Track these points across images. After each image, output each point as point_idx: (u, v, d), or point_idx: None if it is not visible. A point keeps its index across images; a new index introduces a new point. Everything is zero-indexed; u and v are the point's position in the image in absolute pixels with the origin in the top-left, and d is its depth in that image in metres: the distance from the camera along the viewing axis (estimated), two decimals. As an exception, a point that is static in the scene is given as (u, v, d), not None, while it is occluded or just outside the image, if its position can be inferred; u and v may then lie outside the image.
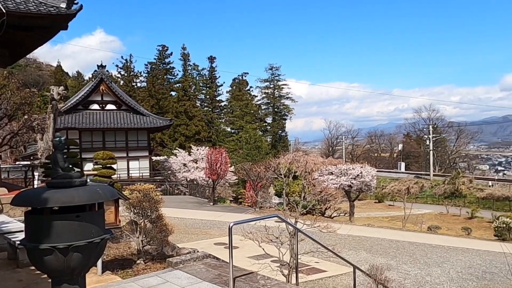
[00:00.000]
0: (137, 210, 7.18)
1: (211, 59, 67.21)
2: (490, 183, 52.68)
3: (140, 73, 64.91)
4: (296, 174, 40.13)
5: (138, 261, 7.18)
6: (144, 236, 7.03)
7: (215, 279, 5.48)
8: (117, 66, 63.17)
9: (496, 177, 60.04)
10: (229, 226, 4.93)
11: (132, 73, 62.93)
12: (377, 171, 68.43)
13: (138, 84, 63.94)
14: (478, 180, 54.09)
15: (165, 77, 64.68)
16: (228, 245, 15.58)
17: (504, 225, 21.57)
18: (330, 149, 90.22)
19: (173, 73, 66.10)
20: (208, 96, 66.84)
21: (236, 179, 37.48)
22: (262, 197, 28.89)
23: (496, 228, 22.21)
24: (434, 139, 63.53)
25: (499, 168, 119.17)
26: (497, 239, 21.86)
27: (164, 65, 65.38)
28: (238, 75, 70.71)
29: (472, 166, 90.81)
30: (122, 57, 65.92)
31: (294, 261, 6.28)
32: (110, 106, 40.08)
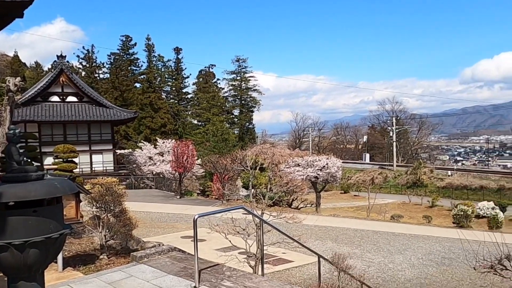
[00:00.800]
0: (100, 205, 6.99)
1: (177, 50, 66.16)
2: (449, 172, 54.79)
3: (103, 64, 63.08)
4: (263, 166, 40.40)
5: (101, 256, 7.01)
6: (107, 230, 6.86)
7: (180, 272, 5.43)
8: (78, 56, 61.09)
9: (455, 167, 62.56)
10: (194, 218, 4.88)
11: (94, 64, 61.00)
12: (343, 163, 69.92)
13: (101, 76, 62.15)
14: (438, 170, 56.13)
15: (129, 68, 63.11)
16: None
17: (462, 213, 22.55)
18: (297, 141, 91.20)
19: (137, 64, 64.64)
20: (174, 88, 65.79)
21: (203, 172, 37.26)
22: (230, 189, 28.86)
23: (454, 216, 23.19)
24: (397, 130, 65.36)
25: (458, 158, 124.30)
26: (456, 226, 22.85)
27: (128, 56, 63.75)
28: (205, 67, 70.05)
29: (433, 157, 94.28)
30: (83, 47, 63.75)
31: (261, 252, 6.30)
32: (71, 98, 38.75)
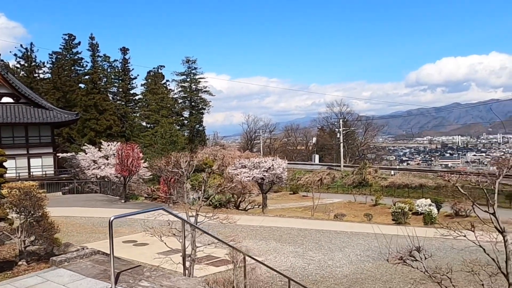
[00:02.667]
0: (19, 209, 6.62)
1: (124, 50, 64.33)
2: (392, 172, 57.12)
3: (44, 63, 60.00)
4: (213, 168, 40.15)
5: (20, 262, 6.63)
6: (26, 235, 6.51)
7: (99, 275, 5.27)
8: (15, 55, 57.69)
9: (397, 167, 65.36)
10: (110, 220, 4.72)
11: (34, 63, 57.87)
12: (293, 164, 71.27)
13: (42, 76, 59.07)
14: (382, 170, 58.39)
15: (72, 68, 60.49)
16: (137, 242, 14.99)
17: (400, 210, 23.58)
18: (249, 143, 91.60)
19: (81, 64, 62.05)
20: (121, 89, 63.87)
21: (150, 175, 36.47)
22: (178, 192, 28.36)
23: (393, 213, 24.19)
24: (344, 132, 67.37)
25: (404, 158, 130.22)
26: (394, 223, 23.85)
27: (71, 55, 61.07)
28: (154, 68, 68.61)
29: (380, 157, 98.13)
30: (21, 45, 60.19)
31: (183, 253, 6.23)
32: (6, 99, 36.51)
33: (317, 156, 77.06)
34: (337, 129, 69.66)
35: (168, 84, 70.22)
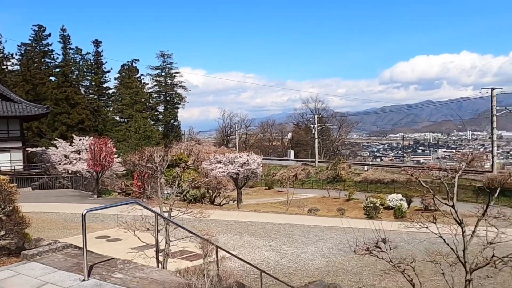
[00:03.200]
0: (-13, 203, 6.51)
1: (97, 43, 62.95)
2: (365, 168, 58.14)
3: (12, 55, 58.06)
4: (187, 163, 39.95)
5: (-11, 258, 6.54)
6: (-5, 231, 6.42)
7: (72, 267, 5.29)
8: (-19, 46, 55.61)
9: (371, 163, 66.61)
10: (82, 213, 4.75)
11: (1, 54, 55.94)
12: (269, 159, 71.68)
13: (10, 68, 57.17)
14: (356, 166, 59.42)
15: (42, 60, 58.75)
16: (110, 238, 14.94)
17: (371, 205, 24.18)
18: (225, 138, 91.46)
19: (52, 56, 60.37)
20: (94, 83, 62.54)
21: (124, 170, 36.04)
22: (153, 187, 28.15)
23: (365, 208, 24.77)
24: (319, 128, 68.15)
25: (378, 154, 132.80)
26: (366, 217, 24.46)
27: (41, 47, 59.31)
28: (128, 62, 67.40)
29: (354, 153, 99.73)
30: (-13, 36, 58.10)
31: (156, 246, 6.31)
32: (-28, 92, 35.30)
33: (292, 152, 77.69)
34: (312, 125, 70.41)
35: (143, 78, 69.31)
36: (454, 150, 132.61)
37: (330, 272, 13.44)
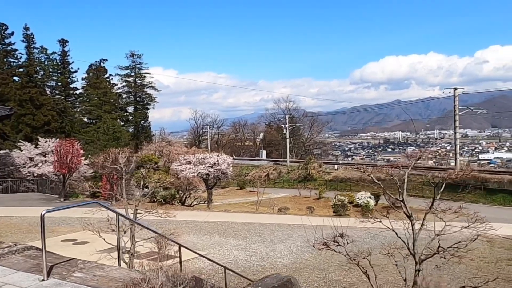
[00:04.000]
0: None
1: (63, 42, 61.34)
2: (336, 167, 59.12)
3: (-28, 55, 55.78)
4: (158, 164, 39.57)
5: None
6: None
7: (31, 268, 5.28)
8: None
9: (341, 161, 67.73)
10: (41, 214, 4.76)
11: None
12: (241, 159, 71.71)
13: (-29, 68, 54.95)
14: (326, 165, 60.30)
15: (5, 60, 56.76)
16: (77, 241, 14.78)
17: (340, 203, 24.71)
18: (197, 139, 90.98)
19: (15, 56, 58.40)
20: (60, 83, 60.90)
21: (92, 172, 35.33)
22: (122, 189, 27.77)
23: (333, 206, 25.28)
24: (290, 128, 68.80)
25: (349, 153, 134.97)
26: (335, 215, 24.95)
27: (3, 46, 57.27)
28: (96, 61, 66.02)
29: (326, 152, 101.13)
30: None
31: (118, 245, 6.34)
32: None
33: (264, 152, 78.14)
34: (283, 125, 71.00)
35: (112, 79, 68.03)
36: (422, 149, 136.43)
37: (298, 268, 13.72)
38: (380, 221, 6.16)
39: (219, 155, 26.89)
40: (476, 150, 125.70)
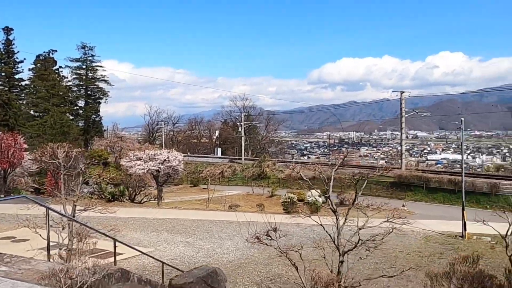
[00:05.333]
0: None
1: (7, 30, 57.95)
2: (298, 166, 59.81)
3: None
4: (108, 160, 38.61)
5: None
6: None
7: (-47, 267, 5.12)
8: None
9: (294, 160, 68.88)
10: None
11: None
12: (196, 156, 71.08)
13: None
14: (280, 163, 61.12)
15: None
16: (16, 238, 14.35)
17: (289, 200, 25.27)
18: (151, 135, 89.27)
19: (-46, 44, 54.68)
20: (4, 73, 57.59)
21: (37, 167, 33.85)
22: (70, 185, 26.84)
23: (283, 203, 25.82)
24: (246, 126, 69.14)
25: (305, 152, 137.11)
26: (284, 212, 25.51)
27: None
28: (44, 52, 63.02)
29: (283, 151, 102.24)
30: None
31: (47, 241, 6.26)
32: None
33: (219, 149, 78.02)
34: (239, 123, 71.23)
35: (61, 71, 65.15)
36: (375, 149, 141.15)
37: (242, 264, 13.97)
38: (309, 216, 6.48)
39: (170, 152, 26.64)
40: (424, 151, 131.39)
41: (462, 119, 21.33)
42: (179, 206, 26.06)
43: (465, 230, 19.23)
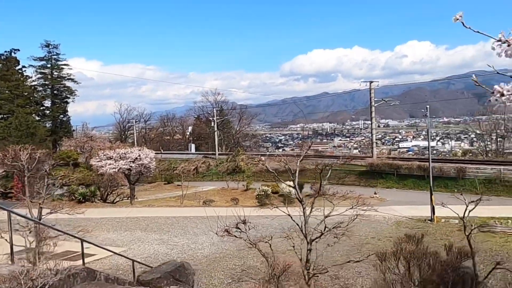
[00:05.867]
0: None
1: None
2: (263, 158, 59.99)
3: None
4: (79, 161, 37.76)
5: None
6: None
7: None
8: None
9: (268, 153, 69.12)
10: None
11: None
12: (170, 153, 70.35)
13: None
14: (255, 156, 61.21)
15: None
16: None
17: (263, 193, 25.40)
18: (123, 133, 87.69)
19: None
20: (-37, 75, 55.29)
21: (3, 171, 32.76)
22: (39, 188, 26.09)
23: (257, 196, 25.94)
24: (220, 120, 68.89)
25: (280, 145, 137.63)
26: (258, 205, 25.63)
27: None
28: (6, 52, 60.73)
29: (257, 144, 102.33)
30: None
31: (11, 242, 6.11)
32: None
33: (193, 145, 77.55)
34: (212, 118, 70.91)
35: (25, 70, 62.93)
36: (348, 139, 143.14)
37: (217, 258, 14.00)
38: (277, 207, 6.56)
39: (141, 150, 26.26)
40: (396, 139, 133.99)
41: (428, 106, 21.93)
42: (152, 204, 25.79)
43: (434, 214, 19.86)
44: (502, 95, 1.41)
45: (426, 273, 6.40)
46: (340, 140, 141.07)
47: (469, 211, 7.00)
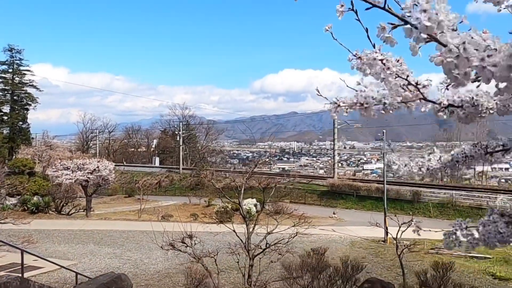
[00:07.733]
0: None
1: None
2: (227, 174, 60.04)
3: None
4: (35, 170, 36.54)
5: None
6: None
7: None
8: None
9: (232, 170, 69.07)
10: None
11: None
12: (133, 166, 69.13)
13: None
14: (219, 172, 61.09)
15: None
16: None
17: (223, 209, 25.41)
18: (85, 143, 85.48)
19: None
20: None
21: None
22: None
23: (216, 212, 25.92)
24: (186, 135, 68.55)
25: (247, 162, 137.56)
26: (218, 221, 25.52)
27: None
28: (-36, 54, 58.48)
29: (224, 160, 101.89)
30: None
31: None
32: None
33: (157, 159, 76.60)
34: (177, 132, 70.50)
35: (-15, 74, 60.72)
36: (315, 158, 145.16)
37: (170, 273, 13.90)
38: (222, 222, 6.71)
39: (100, 161, 25.76)
40: (361, 160, 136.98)
41: (384, 131, 22.87)
42: (109, 217, 25.23)
43: (387, 235, 20.51)
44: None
45: (326, 284, 6.91)
46: (307, 159, 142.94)
47: (402, 232, 7.43)
